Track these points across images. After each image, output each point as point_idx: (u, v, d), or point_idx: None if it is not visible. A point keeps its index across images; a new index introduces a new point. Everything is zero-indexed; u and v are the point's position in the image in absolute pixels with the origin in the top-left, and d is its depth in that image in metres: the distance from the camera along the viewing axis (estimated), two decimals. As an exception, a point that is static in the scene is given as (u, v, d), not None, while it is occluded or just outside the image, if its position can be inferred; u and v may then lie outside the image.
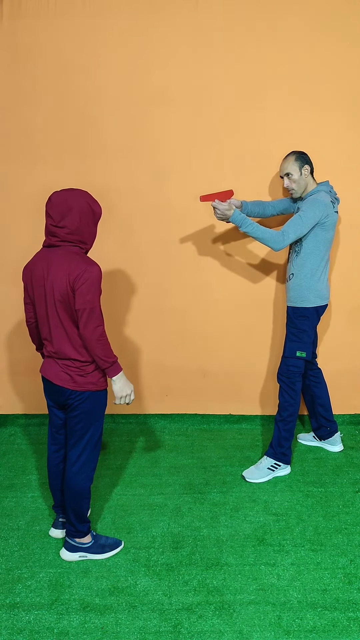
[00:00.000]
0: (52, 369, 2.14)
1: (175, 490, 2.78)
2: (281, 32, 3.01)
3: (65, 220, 2.02)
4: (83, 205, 2.04)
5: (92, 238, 2.13)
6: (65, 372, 2.11)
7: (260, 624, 1.96)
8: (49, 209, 2.04)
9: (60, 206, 2.02)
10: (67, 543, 2.28)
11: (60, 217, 2.02)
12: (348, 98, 3.08)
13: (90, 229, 2.09)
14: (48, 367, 2.16)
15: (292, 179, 2.78)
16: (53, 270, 2.01)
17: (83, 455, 2.19)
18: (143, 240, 3.26)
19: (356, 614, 2.00)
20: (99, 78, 3.09)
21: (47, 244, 2.09)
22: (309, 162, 2.79)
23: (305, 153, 2.81)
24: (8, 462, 3.08)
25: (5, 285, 3.35)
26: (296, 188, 2.80)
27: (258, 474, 2.87)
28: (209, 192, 3.19)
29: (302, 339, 2.83)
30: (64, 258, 2.02)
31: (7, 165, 3.19)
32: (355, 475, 2.91)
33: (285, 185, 2.82)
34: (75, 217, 2.02)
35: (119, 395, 2.16)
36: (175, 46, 3.04)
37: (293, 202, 2.99)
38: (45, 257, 2.06)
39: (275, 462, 2.88)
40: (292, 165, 2.76)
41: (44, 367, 2.18)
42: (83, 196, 2.05)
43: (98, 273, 2.01)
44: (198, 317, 3.37)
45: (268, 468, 2.87)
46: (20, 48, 3.06)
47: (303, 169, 2.76)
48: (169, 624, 1.97)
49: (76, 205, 2.02)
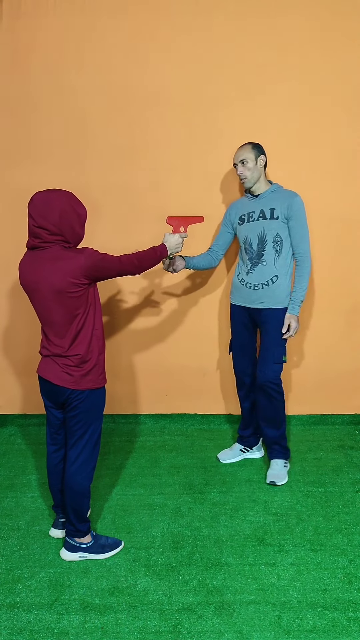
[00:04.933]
0: (51, 370, 2.13)
1: (175, 490, 2.78)
2: (281, 31, 3.01)
3: (46, 222, 1.98)
4: (65, 206, 1.99)
5: (78, 239, 2.08)
6: (65, 372, 2.10)
7: (260, 624, 1.96)
8: (30, 210, 2.00)
9: (41, 207, 1.98)
10: (67, 543, 2.28)
11: (41, 219, 1.98)
12: (348, 98, 3.08)
13: (73, 231, 2.03)
14: (47, 368, 2.15)
15: (246, 166, 2.69)
16: (46, 272, 1.98)
17: (83, 454, 2.19)
18: (142, 240, 3.26)
19: (356, 614, 2.00)
20: (98, 78, 3.09)
21: (31, 245, 2.05)
22: (264, 154, 2.73)
23: (259, 144, 2.75)
24: (8, 462, 3.08)
25: (2, 285, 3.35)
26: (249, 177, 2.70)
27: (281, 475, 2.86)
28: (210, 193, 3.19)
29: (283, 341, 2.77)
30: (52, 260, 1.98)
31: (7, 165, 3.19)
32: (355, 475, 2.91)
33: (239, 173, 2.71)
34: (56, 218, 1.97)
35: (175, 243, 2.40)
36: (175, 46, 3.04)
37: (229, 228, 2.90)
38: (32, 259, 2.03)
39: (286, 461, 2.92)
40: (249, 153, 2.69)
41: (42, 368, 2.17)
42: (65, 196, 2.00)
43: (92, 250, 2.03)
44: (198, 317, 3.37)
45: (284, 466, 2.90)
46: (20, 48, 3.06)
47: (259, 158, 2.70)
48: (169, 624, 1.97)
49: (57, 206, 1.97)
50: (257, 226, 2.74)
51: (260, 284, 2.75)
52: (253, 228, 2.75)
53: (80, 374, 2.10)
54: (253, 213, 2.76)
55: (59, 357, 2.11)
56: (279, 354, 2.75)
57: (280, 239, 2.70)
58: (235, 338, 2.95)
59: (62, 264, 1.97)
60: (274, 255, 2.72)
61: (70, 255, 1.99)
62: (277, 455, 2.91)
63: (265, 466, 3.00)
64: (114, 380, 3.44)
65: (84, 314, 2.07)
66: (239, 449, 3.09)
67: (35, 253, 2.04)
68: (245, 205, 2.82)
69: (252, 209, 2.77)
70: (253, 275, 2.76)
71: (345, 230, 3.22)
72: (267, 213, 2.72)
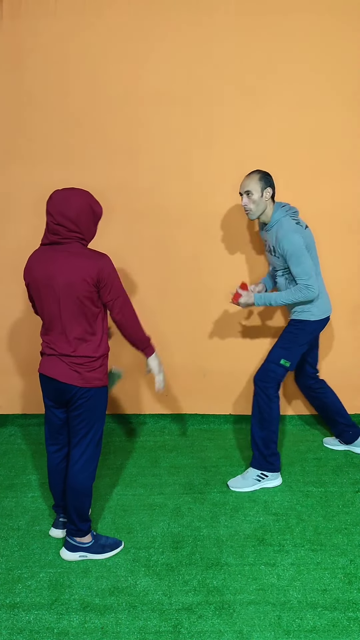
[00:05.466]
0: (57, 368, 2.12)
1: (175, 490, 2.78)
2: (282, 31, 3.01)
3: (65, 219, 2.03)
4: (83, 204, 2.05)
5: (91, 236, 2.15)
6: (73, 370, 2.11)
7: (260, 624, 1.96)
8: (49, 207, 2.06)
9: (60, 205, 2.03)
10: (68, 542, 2.28)
11: (60, 216, 2.03)
12: (348, 98, 3.08)
13: (89, 228, 2.10)
14: (52, 366, 2.14)
15: (251, 198, 2.64)
16: (61, 268, 2.02)
17: (86, 453, 2.19)
18: (143, 240, 3.26)
19: (356, 614, 2.00)
20: (99, 78, 3.09)
21: (48, 241, 2.09)
22: (272, 185, 2.66)
23: (269, 175, 2.68)
24: (8, 462, 3.08)
25: (4, 285, 3.35)
26: (253, 209, 2.66)
27: (242, 483, 2.77)
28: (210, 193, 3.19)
29: (292, 349, 2.76)
30: (71, 255, 2.04)
31: (7, 165, 3.19)
32: (355, 475, 2.91)
33: (243, 204, 2.67)
34: (75, 215, 2.03)
35: (159, 370, 2.27)
36: (175, 46, 3.05)
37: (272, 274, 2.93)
38: (48, 255, 2.06)
39: (261, 472, 2.77)
40: (255, 185, 2.62)
41: (46, 366, 2.16)
42: (83, 196, 2.06)
43: (111, 261, 2.09)
44: (198, 317, 3.37)
45: (254, 478, 2.77)
46: (21, 48, 3.06)
47: (265, 190, 2.63)
48: (169, 624, 1.97)
49: (76, 204, 2.03)
50: (269, 256, 2.82)
51: None
52: (269, 257, 2.84)
53: (89, 372, 2.11)
54: (267, 243, 2.81)
55: (67, 356, 2.11)
56: (277, 355, 2.75)
57: (289, 270, 2.69)
58: None
59: (81, 261, 2.02)
60: (284, 282, 2.78)
61: (90, 254, 2.06)
62: (253, 463, 2.80)
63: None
64: (114, 380, 3.44)
65: (95, 313, 2.09)
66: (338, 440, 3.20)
67: (53, 248, 2.08)
68: (264, 234, 2.83)
69: (266, 238, 2.81)
70: None
71: (344, 232, 3.22)
72: (272, 249, 2.74)
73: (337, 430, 3.12)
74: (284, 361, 2.74)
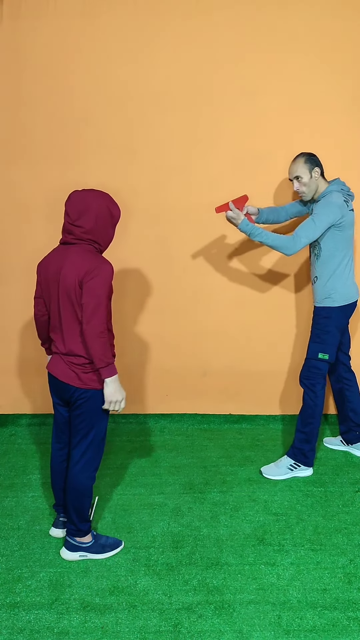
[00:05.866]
0: (59, 366, 2.15)
1: (175, 490, 2.78)
2: (281, 31, 3.01)
3: (81, 220, 2.05)
4: (101, 206, 2.06)
5: (108, 240, 2.15)
6: (71, 370, 2.12)
7: (260, 624, 1.96)
8: (67, 207, 2.08)
9: (78, 205, 2.05)
10: (68, 542, 2.28)
11: (77, 216, 2.05)
12: (348, 98, 3.08)
13: (106, 231, 2.11)
14: (55, 364, 2.17)
15: (301, 181, 2.70)
16: (66, 266, 2.04)
17: (86, 454, 2.19)
18: (143, 240, 3.26)
19: (356, 613, 2.01)
20: (98, 78, 3.09)
21: (63, 241, 2.12)
22: (318, 164, 2.71)
23: (314, 154, 2.73)
24: (9, 461, 3.08)
25: (8, 286, 3.35)
26: (306, 191, 2.73)
27: (277, 472, 2.87)
28: (210, 193, 3.19)
29: (325, 340, 2.78)
30: (77, 255, 2.05)
31: (7, 165, 3.19)
32: (355, 475, 2.91)
33: (295, 189, 2.74)
34: (92, 217, 2.05)
35: (108, 399, 2.10)
36: (175, 46, 3.05)
37: (303, 204, 2.94)
38: (61, 253, 2.09)
39: (294, 462, 2.87)
40: (302, 168, 2.68)
41: (51, 364, 2.20)
42: (102, 197, 2.08)
43: (109, 271, 2.03)
44: (198, 317, 3.37)
45: (287, 467, 2.87)
46: (21, 49, 3.06)
47: (313, 171, 2.69)
48: (169, 623, 1.97)
49: (94, 205, 2.05)
50: None
51: None
52: None
53: (86, 373, 2.11)
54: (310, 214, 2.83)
55: (65, 355, 2.13)
56: (314, 350, 2.79)
57: (317, 243, 2.72)
58: None
59: (80, 262, 2.02)
60: (314, 258, 2.79)
61: (91, 257, 2.03)
62: (289, 452, 2.90)
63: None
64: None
65: None
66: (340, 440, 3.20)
67: (66, 247, 2.09)
68: (310, 208, 2.89)
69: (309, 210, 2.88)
70: None
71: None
72: None
73: (344, 427, 3.11)
74: (321, 355, 2.77)
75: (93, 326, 2.00)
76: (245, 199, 2.71)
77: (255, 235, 2.63)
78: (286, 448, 3.18)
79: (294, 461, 2.87)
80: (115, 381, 2.09)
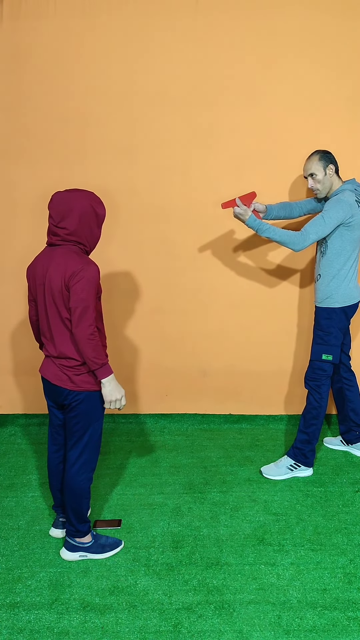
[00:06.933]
0: (50, 369, 2.15)
1: (175, 490, 2.78)
2: (281, 31, 3.01)
3: (65, 221, 2.02)
4: (85, 206, 2.02)
5: (94, 240, 2.11)
6: (62, 372, 2.11)
7: (260, 624, 1.96)
8: (50, 209, 2.04)
9: (61, 206, 2.02)
10: (67, 543, 2.28)
11: (60, 218, 2.02)
12: (348, 97, 3.08)
13: (91, 231, 2.07)
14: (47, 367, 2.17)
15: (316, 179, 2.70)
16: (52, 268, 2.02)
17: (82, 455, 2.19)
18: (143, 240, 3.26)
19: (356, 613, 2.01)
20: (98, 78, 3.09)
21: (49, 242, 2.10)
22: (333, 161, 2.72)
23: (329, 152, 2.73)
24: (8, 462, 3.08)
25: (5, 286, 3.35)
26: (321, 188, 2.73)
27: (276, 472, 2.87)
28: (210, 193, 3.19)
29: (328, 341, 2.78)
30: (62, 257, 2.02)
31: (7, 165, 3.19)
32: (355, 475, 2.91)
33: (310, 186, 2.74)
34: (75, 218, 2.01)
35: (108, 399, 2.10)
36: (175, 46, 3.05)
37: (318, 201, 2.94)
38: (47, 256, 2.07)
39: (295, 462, 2.88)
40: (316, 165, 2.68)
41: (43, 367, 2.19)
42: (86, 197, 2.03)
43: (95, 272, 2.00)
44: (198, 317, 3.37)
45: (287, 467, 2.87)
46: (20, 49, 3.06)
47: (327, 168, 2.69)
48: (169, 623, 1.97)
49: (77, 206, 2.01)
50: None
51: None
52: None
53: (78, 375, 2.11)
54: None
55: (57, 358, 2.12)
56: (317, 352, 2.80)
57: (325, 241, 2.74)
58: None
59: (65, 264, 1.99)
60: (320, 255, 2.79)
61: (76, 259, 2.00)
62: (289, 452, 2.91)
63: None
64: (114, 380, 3.44)
65: None
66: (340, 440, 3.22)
67: (52, 249, 2.07)
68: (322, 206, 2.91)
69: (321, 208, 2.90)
70: None
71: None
72: None
73: (344, 427, 3.12)
74: (325, 356, 2.78)
75: (82, 329, 1.98)
76: (253, 196, 2.72)
77: (263, 231, 2.63)
78: (286, 448, 3.19)
79: (294, 461, 2.87)
80: (111, 380, 2.09)
